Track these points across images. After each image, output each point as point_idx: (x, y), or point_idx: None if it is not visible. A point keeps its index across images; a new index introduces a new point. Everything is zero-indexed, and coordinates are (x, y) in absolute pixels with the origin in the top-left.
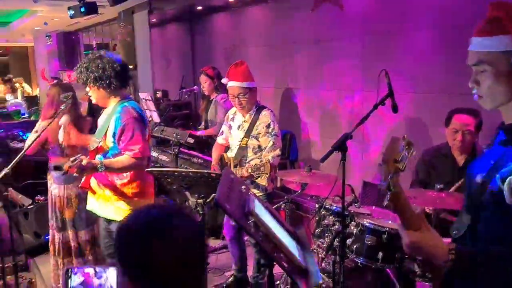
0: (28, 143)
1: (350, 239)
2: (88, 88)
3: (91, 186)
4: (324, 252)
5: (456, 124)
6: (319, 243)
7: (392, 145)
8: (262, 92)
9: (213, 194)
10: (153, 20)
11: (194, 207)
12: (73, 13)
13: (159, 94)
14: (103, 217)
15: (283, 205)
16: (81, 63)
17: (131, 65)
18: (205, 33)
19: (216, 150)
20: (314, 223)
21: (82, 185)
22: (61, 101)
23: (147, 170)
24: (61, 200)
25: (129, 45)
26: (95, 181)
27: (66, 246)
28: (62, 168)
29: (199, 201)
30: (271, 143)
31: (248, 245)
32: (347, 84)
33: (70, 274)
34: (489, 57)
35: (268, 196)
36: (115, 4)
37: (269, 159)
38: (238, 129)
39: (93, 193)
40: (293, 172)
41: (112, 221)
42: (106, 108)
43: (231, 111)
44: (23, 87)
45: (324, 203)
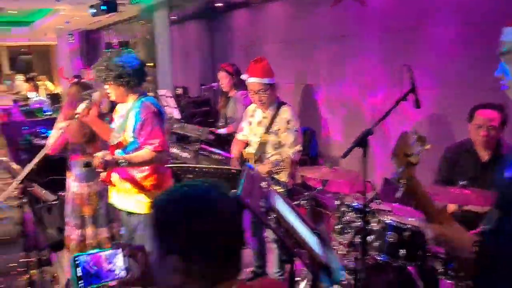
0: (50, 141)
1: (370, 236)
2: (107, 86)
3: (112, 180)
4: (344, 249)
5: (479, 119)
6: (339, 240)
7: (402, 140)
8: (281, 88)
9: (233, 190)
10: (173, 17)
11: None
12: (94, 11)
13: (179, 91)
14: (124, 210)
15: (304, 201)
16: (100, 62)
17: (151, 63)
18: (225, 30)
19: (236, 146)
20: (334, 220)
21: (104, 179)
22: (82, 99)
23: (169, 166)
24: (82, 197)
25: (149, 42)
26: (115, 175)
27: (82, 243)
28: (91, 164)
29: None
30: (291, 139)
31: (267, 241)
32: (370, 81)
33: (78, 261)
34: None
35: (288, 192)
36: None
37: (290, 155)
38: (258, 125)
39: (114, 187)
40: (314, 169)
41: (132, 213)
42: (118, 104)
43: (251, 107)
44: (46, 84)
45: (345, 199)
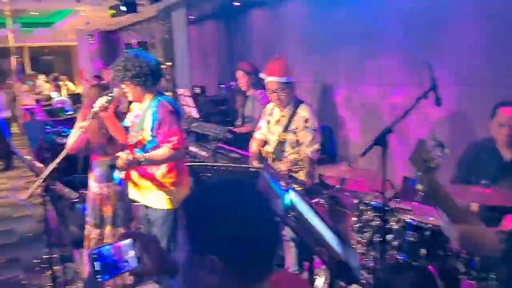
0: (70, 141)
1: (389, 235)
2: (124, 86)
3: (132, 178)
4: (363, 248)
5: (502, 117)
6: (358, 238)
7: (419, 147)
8: (300, 87)
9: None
10: (191, 17)
11: None
12: (114, 12)
13: (197, 90)
14: (143, 204)
15: (322, 200)
16: (118, 62)
17: (169, 62)
18: (243, 29)
19: (254, 145)
20: (353, 219)
21: (124, 177)
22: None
23: (188, 164)
24: (101, 197)
25: (167, 42)
26: (135, 173)
27: (100, 242)
28: (116, 165)
29: None
30: (309, 137)
31: (285, 240)
32: (390, 79)
33: (95, 255)
34: None
35: (306, 191)
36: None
37: (308, 154)
38: (276, 124)
39: (134, 184)
40: (333, 167)
41: (151, 208)
42: (131, 104)
43: (269, 106)
44: (67, 85)
45: (364, 198)
